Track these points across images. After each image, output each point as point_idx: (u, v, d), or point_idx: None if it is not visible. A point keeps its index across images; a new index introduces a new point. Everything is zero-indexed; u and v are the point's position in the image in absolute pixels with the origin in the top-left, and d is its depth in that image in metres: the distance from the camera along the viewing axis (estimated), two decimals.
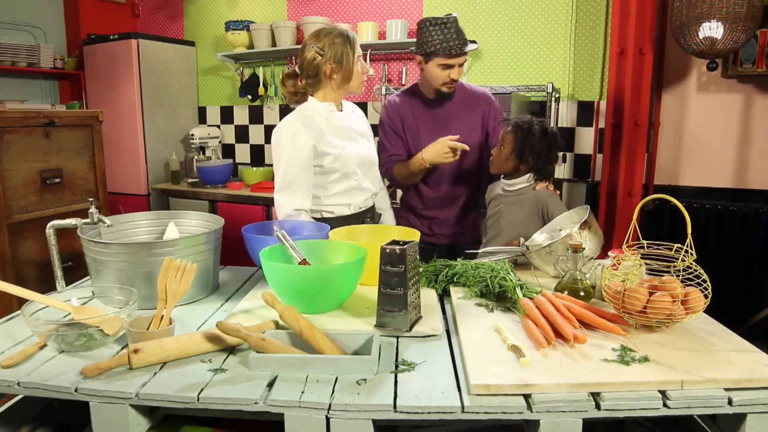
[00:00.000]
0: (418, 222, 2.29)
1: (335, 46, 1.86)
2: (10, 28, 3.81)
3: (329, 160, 1.89)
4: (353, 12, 3.88)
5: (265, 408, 0.97)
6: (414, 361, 1.11)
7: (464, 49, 2.03)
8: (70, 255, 2.37)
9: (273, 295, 1.18)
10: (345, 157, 1.91)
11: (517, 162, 1.88)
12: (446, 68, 2.05)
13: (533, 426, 0.97)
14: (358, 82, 1.94)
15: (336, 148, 1.90)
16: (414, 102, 2.22)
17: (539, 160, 1.87)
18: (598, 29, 3.29)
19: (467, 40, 2.05)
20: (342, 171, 1.92)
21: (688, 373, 1.00)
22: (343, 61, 1.87)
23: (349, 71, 1.89)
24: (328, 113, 1.94)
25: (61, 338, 1.15)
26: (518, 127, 1.87)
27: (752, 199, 3.03)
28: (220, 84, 4.42)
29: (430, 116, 2.20)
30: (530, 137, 1.84)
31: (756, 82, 2.98)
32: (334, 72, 1.88)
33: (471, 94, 2.24)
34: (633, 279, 1.22)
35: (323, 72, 1.88)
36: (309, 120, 1.90)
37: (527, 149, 1.85)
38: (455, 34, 2.00)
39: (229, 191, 3.83)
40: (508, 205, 1.92)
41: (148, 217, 1.76)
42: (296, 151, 1.84)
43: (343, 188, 1.95)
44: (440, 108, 2.19)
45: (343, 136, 1.94)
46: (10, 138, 2.51)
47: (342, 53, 1.86)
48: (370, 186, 2.05)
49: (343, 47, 1.86)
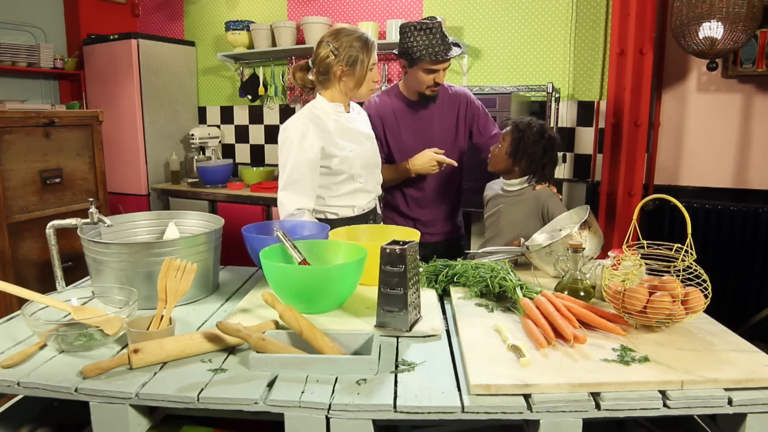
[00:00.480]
0: (404, 222, 2.29)
1: (351, 49, 1.83)
2: (10, 28, 3.81)
3: (336, 161, 1.88)
4: (353, 12, 3.88)
5: (265, 408, 0.97)
6: (414, 361, 1.11)
7: (449, 54, 2.03)
8: (70, 255, 2.37)
9: (273, 295, 1.18)
10: (351, 159, 1.91)
11: (511, 162, 1.89)
12: (430, 73, 2.05)
13: (533, 426, 0.97)
14: (368, 90, 1.93)
15: (344, 150, 1.89)
16: (396, 103, 2.21)
17: (533, 162, 1.87)
18: (598, 29, 3.29)
19: (451, 44, 2.06)
20: (348, 173, 1.91)
21: (688, 373, 1.00)
22: (356, 66, 1.84)
23: (361, 77, 1.87)
24: (336, 114, 1.93)
25: (61, 338, 1.15)
26: (516, 128, 1.89)
27: (752, 199, 3.03)
28: (220, 84, 4.42)
29: (412, 117, 2.21)
30: (525, 139, 1.85)
31: (756, 82, 2.98)
32: (344, 75, 1.86)
33: (451, 95, 2.25)
34: (633, 279, 1.22)
35: (333, 72, 1.86)
36: (318, 120, 1.88)
37: (521, 150, 1.86)
38: (440, 40, 2.00)
39: (229, 191, 3.83)
40: (507, 205, 1.92)
41: (148, 217, 1.76)
42: (304, 150, 1.82)
43: (348, 190, 1.95)
44: (424, 110, 2.20)
45: (349, 138, 1.94)
46: (10, 138, 2.51)
47: (356, 58, 1.83)
48: (373, 188, 2.05)
49: (359, 52, 1.83)
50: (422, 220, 2.28)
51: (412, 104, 2.20)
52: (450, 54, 2.03)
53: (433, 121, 2.21)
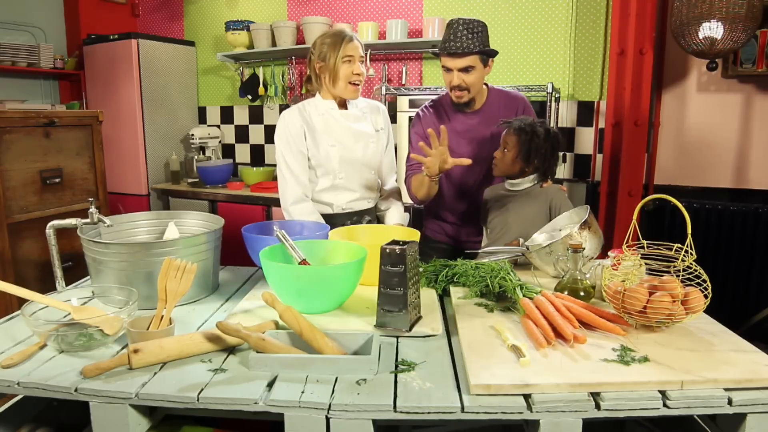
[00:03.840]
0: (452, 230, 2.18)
1: (323, 45, 1.92)
2: (10, 28, 3.81)
3: (312, 153, 1.96)
4: (353, 12, 3.88)
5: (265, 408, 0.97)
6: (414, 361, 1.11)
7: (455, 49, 1.85)
8: (70, 255, 2.37)
9: (273, 295, 1.18)
10: (329, 154, 1.96)
11: (524, 164, 1.87)
12: (447, 71, 1.93)
13: (533, 426, 0.97)
14: (345, 83, 1.91)
15: (321, 145, 1.95)
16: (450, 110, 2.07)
17: (545, 161, 1.86)
18: (598, 29, 3.29)
19: (472, 44, 1.86)
20: (324, 167, 1.97)
21: (688, 373, 1.00)
22: (326, 59, 1.91)
23: (332, 70, 1.91)
24: (327, 110, 1.98)
25: (61, 338, 1.15)
26: (522, 130, 1.84)
27: (752, 199, 3.03)
28: (220, 84, 4.42)
29: (461, 122, 2.04)
30: (536, 139, 1.82)
31: (756, 82, 2.98)
32: (321, 71, 1.95)
33: (507, 100, 2.07)
34: (633, 279, 1.22)
35: (315, 71, 1.97)
36: (305, 112, 1.98)
37: (533, 151, 1.82)
38: (453, 35, 1.87)
39: (229, 191, 3.83)
40: (515, 203, 1.90)
41: (148, 217, 1.76)
42: (291, 138, 1.93)
43: (326, 185, 1.99)
44: (474, 114, 2.04)
45: (334, 135, 1.96)
46: (10, 138, 2.50)
47: (327, 52, 1.91)
48: (357, 188, 2.03)
49: (329, 47, 1.90)
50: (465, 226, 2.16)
51: (465, 112, 2.05)
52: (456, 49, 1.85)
53: (481, 127, 2.03)
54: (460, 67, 1.89)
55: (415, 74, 3.78)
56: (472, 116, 2.05)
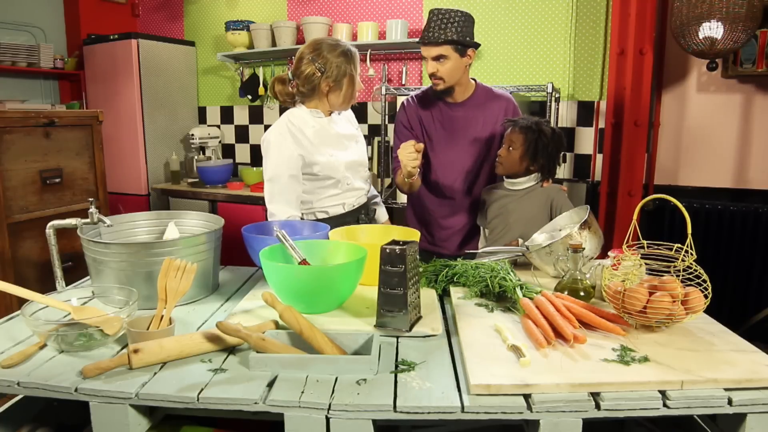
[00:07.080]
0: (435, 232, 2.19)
1: (338, 67, 1.86)
2: (10, 28, 3.81)
3: (318, 168, 1.90)
4: (353, 12, 3.88)
5: (265, 408, 0.97)
6: (414, 361, 1.11)
7: (426, 39, 1.90)
8: (70, 255, 2.36)
9: (273, 295, 1.18)
10: (334, 164, 1.92)
11: (530, 163, 1.87)
12: (425, 60, 1.97)
13: (533, 426, 0.97)
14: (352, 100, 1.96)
15: (324, 156, 1.90)
16: (435, 101, 2.09)
17: (550, 160, 1.87)
18: (598, 29, 3.29)
19: (444, 34, 1.88)
20: (334, 178, 1.93)
21: (688, 373, 1.00)
22: (343, 81, 1.88)
23: (349, 95, 1.92)
24: (315, 120, 1.93)
25: (61, 338, 1.15)
26: (529, 129, 1.84)
27: (752, 199, 3.03)
28: (220, 84, 4.42)
29: (448, 117, 2.07)
30: (542, 138, 1.83)
31: (756, 82, 2.98)
32: (331, 91, 1.90)
33: (494, 98, 2.09)
34: (633, 279, 1.22)
35: (321, 89, 1.89)
36: (296, 129, 1.88)
37: (540, 150, 1.83)
38: (427, 24, 1.92)
39: (229, 191, 3.83)
40: (516, 202, 1.90)
41: (148, 217, 1.76)
42: (283, 161, 1.86)
43: (334, 192, 1.97)
44: (461, 109, 2.06)
45: (330, 144, 1.94)
46: (10, 138, 2.51)
47: (344, 73, 1.87)
48: (361, 185, 2.05)
49: (347, 67, 1.87)
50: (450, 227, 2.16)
51: (448, 103, 2.07)
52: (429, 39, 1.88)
53: (469, 124, 2.06)
54: (433, 56, 1.94)
55: (415, 74, 3.78)
56: (456, 108, 2.08)
